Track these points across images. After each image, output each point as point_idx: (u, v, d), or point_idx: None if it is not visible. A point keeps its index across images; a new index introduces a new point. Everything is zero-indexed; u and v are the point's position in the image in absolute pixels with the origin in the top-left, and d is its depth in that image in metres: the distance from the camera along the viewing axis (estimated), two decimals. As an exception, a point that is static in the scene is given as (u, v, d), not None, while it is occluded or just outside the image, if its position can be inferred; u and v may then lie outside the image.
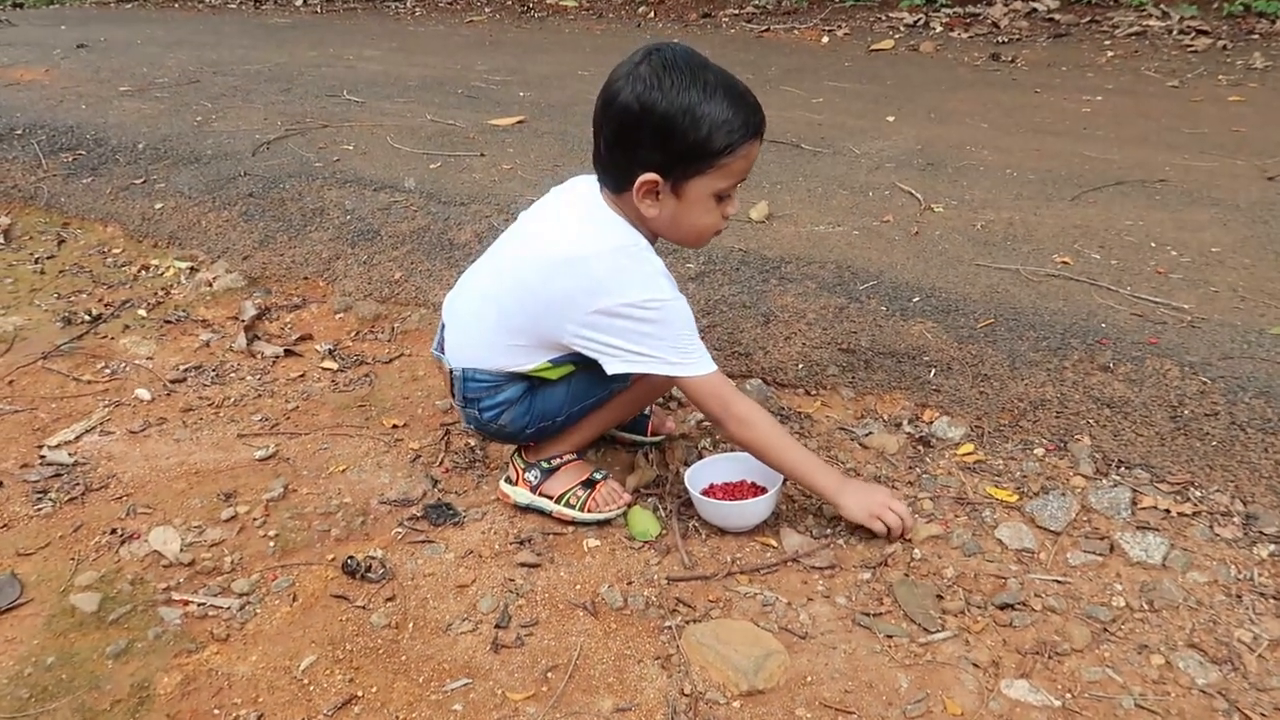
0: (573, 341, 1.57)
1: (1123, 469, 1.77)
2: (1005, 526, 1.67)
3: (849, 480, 1.67)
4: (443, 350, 1.76)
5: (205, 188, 3.37)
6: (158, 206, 3.36)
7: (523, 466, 1.77)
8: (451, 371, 1.72)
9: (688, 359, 1.55)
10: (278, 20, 8.25)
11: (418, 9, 8.92)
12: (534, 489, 1.75)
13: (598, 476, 1.75)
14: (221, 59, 5.94)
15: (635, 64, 1.46)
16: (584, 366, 1.63)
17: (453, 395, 1.75)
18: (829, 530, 1.69)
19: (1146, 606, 1.48)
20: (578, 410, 1.71)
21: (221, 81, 5.11)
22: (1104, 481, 1.75)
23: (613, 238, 1.55)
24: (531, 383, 1.69)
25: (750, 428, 1.59)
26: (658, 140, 1.45)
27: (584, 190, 1.62)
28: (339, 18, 8.42)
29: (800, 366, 2.16)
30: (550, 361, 1.64)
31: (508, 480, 1.80)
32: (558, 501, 1.73)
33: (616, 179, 1.53)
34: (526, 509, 1.77)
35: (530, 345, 1.63)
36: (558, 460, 1.75)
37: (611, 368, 1.55)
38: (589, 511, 1.72)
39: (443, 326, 1.77)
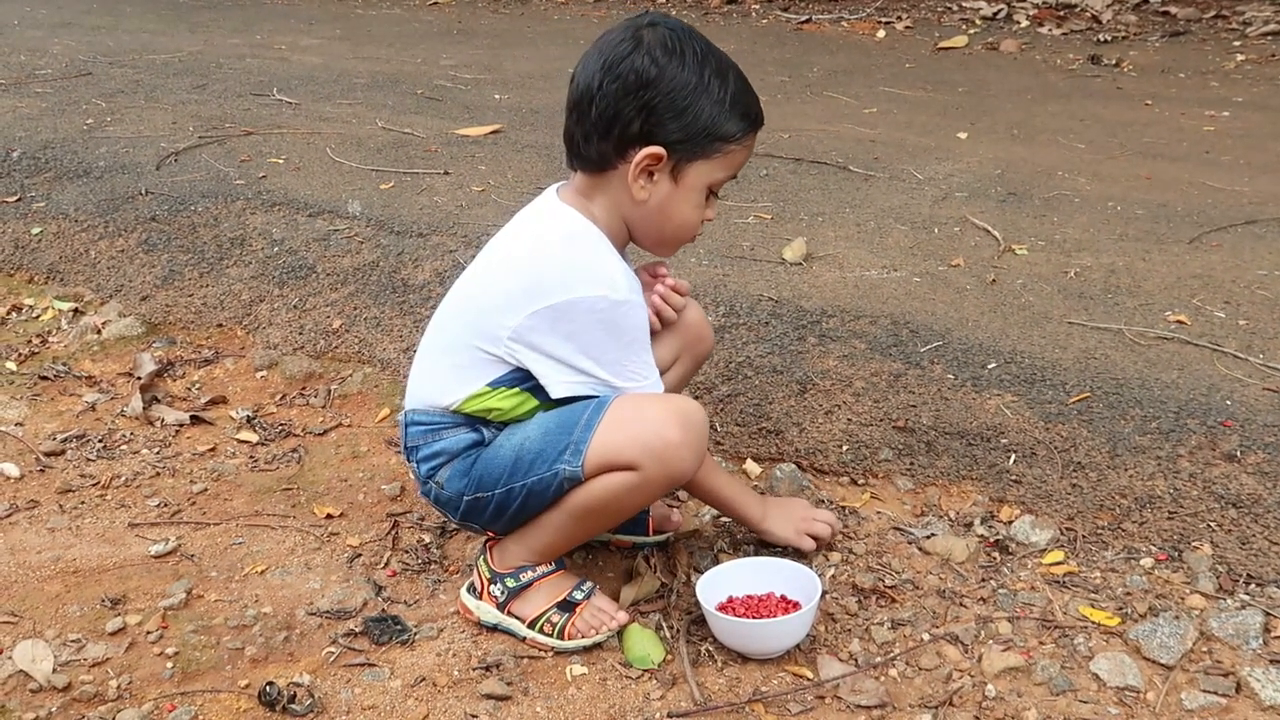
0: (509, 352, 1.70)
1: (1253, 586, 1.81)
2: (1103, 657, 1.70)
3: (766, 498, 1.97)
4: None
5: (96, 209, 3.46)
6: (35, 231, 3.45)
7: (488, 576, 1.81)
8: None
9: (636, 381, 1.71)
10: (191, -2, 8.45)
11: (368, -14, 9.12)
12: (501, 606, 1.79)
13: (579, 595, 1.79)
14: (120, 46, 6.10)
15: (638, 27, 1.65)
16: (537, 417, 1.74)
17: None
18: (879, 657, 1.72)
19: (1282, 763, 1.51)
20: (520, 489, 1.72)
21: (119, 75, 5.25)
22: (1229, 601, 1.78)
23: (561, 225, 1.71)
24: (482, 436, 1.77)
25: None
26: (672, 110, 1.62)
27: (543, 195, 1.80)
28: (269, -4, 8.62)
29: (845, 448, 2.21)
30: (489, 385, 1.73)
31: (471, 590, 1.84)
32: (530, 626, 1.77)
33: (603, 155, 1.67)
34: (494, 629, 1.80)
35: (468, 363, 1.74)
36: (530, 574, 1.79)
37: (554, 390, 1.69)
38: (569, 639, 1.76)
39: None
